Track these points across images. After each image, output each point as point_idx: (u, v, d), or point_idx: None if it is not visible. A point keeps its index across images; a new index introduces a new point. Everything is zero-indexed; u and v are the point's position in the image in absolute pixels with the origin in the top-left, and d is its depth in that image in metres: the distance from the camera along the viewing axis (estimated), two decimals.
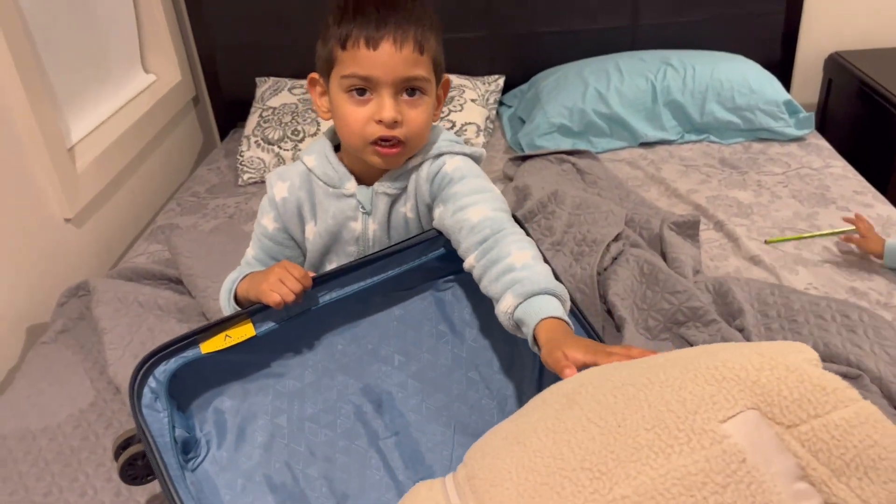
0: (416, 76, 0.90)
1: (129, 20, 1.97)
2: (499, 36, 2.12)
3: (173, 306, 1.32)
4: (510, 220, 0.93)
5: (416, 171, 0.98)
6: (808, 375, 0.48)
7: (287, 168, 1.02)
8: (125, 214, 1.78)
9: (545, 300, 0.81)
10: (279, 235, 1.01)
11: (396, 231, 1.00)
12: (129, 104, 1.91)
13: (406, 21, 0.88)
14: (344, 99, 0.91)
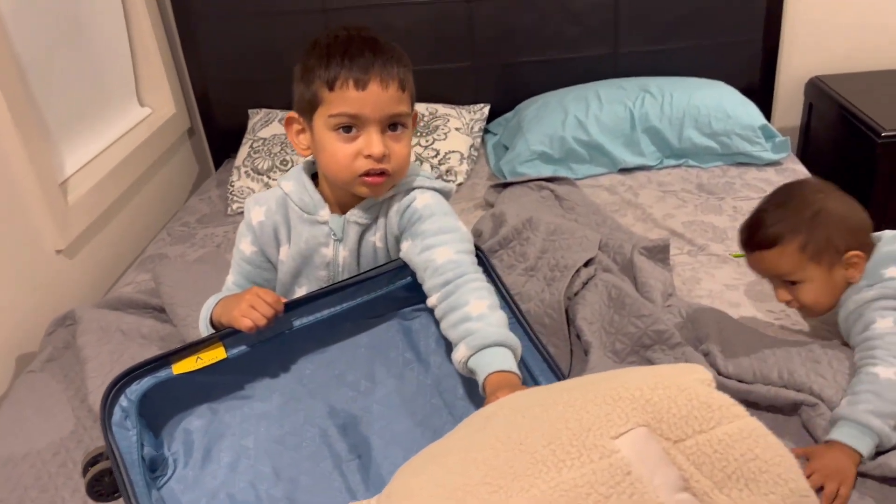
0: (400, 112, 0.97)
1: (124, 55, 2.04)
2: (483, 66, 2.18)
3: (156, 335, 1.36)
4: (473, 262, 0.99)
5: (388, 203, 1.03)
6: (697, 394, 0.51)
7: (264, 193, 1.08)
8: (117, 245, 1.83)
9: (495, 353, 0.87)
10: (257, 259, 1.07)
11: (366, 259, 1.05)
12: (124, 137, 1.97)
13: (389, 62, 0.95)
14: (331, 137, 0.97)
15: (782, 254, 1.12)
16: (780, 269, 1.13)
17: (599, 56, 2.13)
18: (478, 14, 2.10)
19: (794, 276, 1.12)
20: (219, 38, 2.16)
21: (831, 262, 1.11)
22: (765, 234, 1.12)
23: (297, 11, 2.12)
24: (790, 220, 1.11)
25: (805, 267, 1.11)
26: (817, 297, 1.13)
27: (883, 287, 1.08)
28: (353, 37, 0.96)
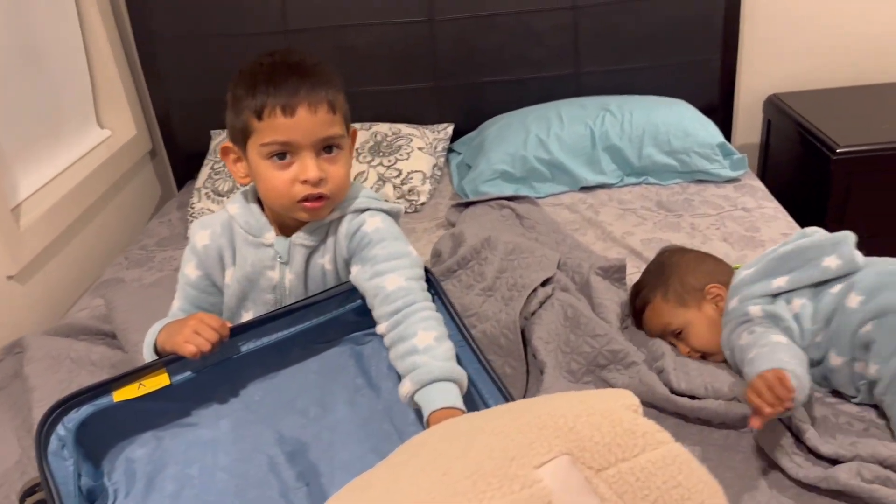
0: (332, 135, 0.96)
1: (82, 77, 2.02)
2: (447, 86, 2.19)
3: (106, 362, 1.33)
4: (423, 288, 1.00)
5: (336, 225, 1.02)
6: (621, 421, 0.51)
7: (209, 217, 1.07)
8: (73, 269, 1.80)
9: (440, 389, 0.88)
10: (202, 283, 1.05)
11: (314, 282, 1.04)
12: (82, 160, 1.95)
13: (317, 86, 0.94)
14: (266, 165, 0.96)
15: (654, 310, 1.26)
16: (661, 323, 1.25)
17: (561, 76, 2.15)
18: (440, 34, 2.11)
19: (674, 326, 1.23)
20: (180, 58, 2.15)
21: (697, 300, 1.23)
22: (638, 302, 1.29)
23: (259, 32, 2.11)
24: (651, 283, 1.28)
25: (676, 313, 1.23)
26: (702, 336, 1.21)
27: (727, 318, 1.18)
28: (277, 63, 0.95)
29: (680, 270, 1.26)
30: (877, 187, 1.86)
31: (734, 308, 1.17)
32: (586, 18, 2.08)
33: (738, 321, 1.15)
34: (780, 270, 1.15)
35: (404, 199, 1.96)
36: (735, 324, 1.16)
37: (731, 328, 1.17)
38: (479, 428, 0.55)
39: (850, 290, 1.08)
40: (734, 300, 1.18)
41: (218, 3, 2.09)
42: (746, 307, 1.15)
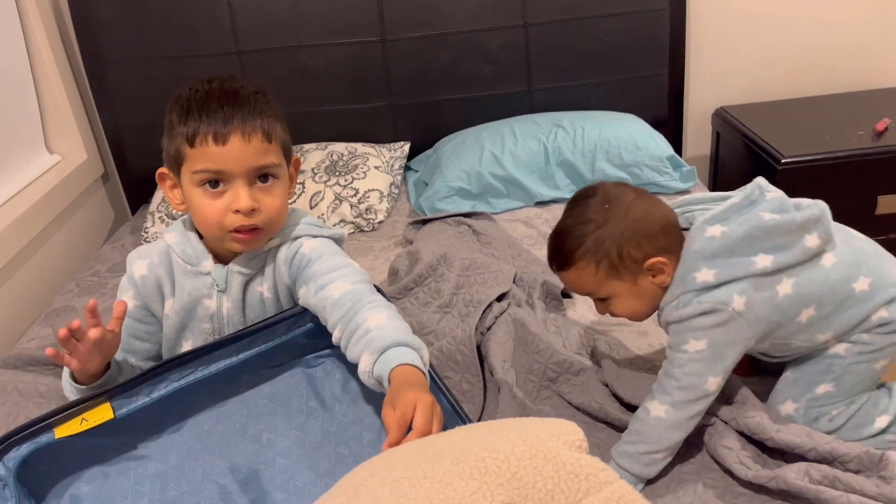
0: (267, 164, 0.95)
1: (30, 102, 1.98)
2: (401, 105, 2.19)
3: (54, 393, 1.30)
4: (371, 289, 0.97)
5: (274, 253, 1.01)
6: (564, 462, 0.51)
7: (147, 247, 1.05)
8: (22, 298, 1.76)
9: (397, 351, 0.85)
10: (139, 313, 1.04)
11: (252, 310, 1.03)
12: (30, 186, 1.91)
13: (251, 114, 0.93)
14: (198, 193, 0.95)
15: (580, 275, 1.06)
16: (583, 288, 1.08)
17: (514, 93, 2.18)
18: (393, 54, 2.12)
19: (599, 294, 1.07)
20: (131, 81, 2.12)
21: (633, 273, 1.04)
22: (561, 257, 1.06)
23: (211, 55, 2.10)
24: (581, 239, 1.04)
25: (605, 284, 1.05)
26: (630, 308, 1.07)
27: (698, 300, 0.98)
28: (212, 90, 0.94)
29: (621, 237, 1.02)
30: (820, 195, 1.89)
31: (701, 282, 0.99)
32: (537, 36, 2.12)
33: (702, 310, 0.98)
34: (762, 247, 0.99)
35: (361, 217, 1.96)
36: (694, 310, 0.98)
37: (690, 315, 0.99)
38: (418, 472, 0.54)
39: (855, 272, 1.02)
40: (701, 270, 0.99)
41: (168, 25, 2.07)
42: (724, 296, 0.97)
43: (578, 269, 1.05)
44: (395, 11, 2.08)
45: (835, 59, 2.28)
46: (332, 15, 2.08)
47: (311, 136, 2.18)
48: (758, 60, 2.26)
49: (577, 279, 1.07)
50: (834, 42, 2.26)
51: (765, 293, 0.99)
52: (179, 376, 0.94)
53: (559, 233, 1.07)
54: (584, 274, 1.05)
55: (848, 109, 2.16)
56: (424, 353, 0.89)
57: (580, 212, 1.06)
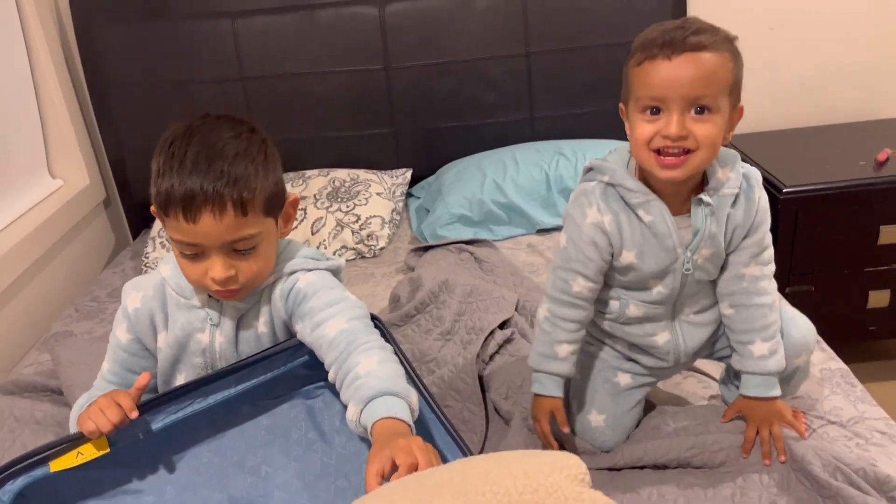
0: (241, 237, 0.91)
1: (34, 127, 1.99)
2: (404, 132, 2.20)
3: (51, 420, 1.29)
4: (366, 326, 0.95)
5: (270, 289, 1.00)
6: (566, 497, 0.50)
7: (143, 278, 1.04)
8: (21, 323, 1.75)
9: (382, 402, 0.83)
10: (133, 346, 1.02)
11: (246, 345, 1.01)
12: (32, 210, 1.91)
13: (223, 187, 0.87)
14: (178, 253, 0.94)
15: (720, 64, 0.93)
16: (712, 81, 0.92)
17: (515, 121, 2.19)
18: (396, 81, 2.14)
19: (713, 101, 0.93)
20: (134, 106, 2.14)
21: (732, 105, 0.97)
22: (708, 38, 0.93)
23: (215, 80, 2.11)
24: (721, 35, 0.95)
25: (724, 94, 0.94)
26: (716, 138, 0.95)
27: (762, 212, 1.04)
28: (192, 148, 0.89)
29: (742, 64, 0.97)
30: (822, 224, 1.91)
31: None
32: (539, 64, 2.13)
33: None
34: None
35: (363, 244, 1.95)
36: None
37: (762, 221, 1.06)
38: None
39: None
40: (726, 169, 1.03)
41: (172, 51, 2.09)
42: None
43: (722, 56, 0.94)
44: (398, 39, 2.10)
45: (835, 89, 2.30)
46: (335, 42, 2.10)
47: (313, 162, 2.18)
48: (759, 90, 2.28)
49: (715, 65, 0.93)
50: (834, 72, 2.28)
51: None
52: (177, 408, 0.92)
53: (696, 20, 0.96)
54: (723, 65, 0.93)
55: (849, 140, 2.17)
56: (413, 400, 0.86)
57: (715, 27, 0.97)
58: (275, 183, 0.96)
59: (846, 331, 2.01)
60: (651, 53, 0.93)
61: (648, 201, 1.01)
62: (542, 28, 2.10)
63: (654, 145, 0.94)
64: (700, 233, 1.02)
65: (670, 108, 0.93)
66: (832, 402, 1.23)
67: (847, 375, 1.29)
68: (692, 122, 0.93)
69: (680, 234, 1.02)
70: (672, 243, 1.02)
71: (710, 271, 1.07)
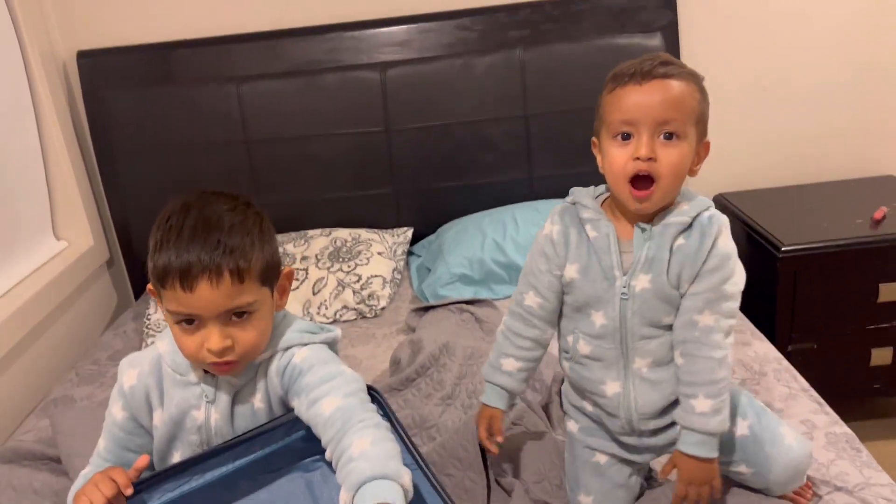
0: (239, 305, 0.92)
1: (40, 189, 2.02)
2: (404, 191, 2.23)
3: (49, 490, 1.27)
4: (363, 401, 0.94)
5: (266, 365, 1.00)
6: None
7: (140, 354, 1.04)
8: (21, 387, 1.75)
9: (373, 487, 0.82)
10: (129, 424, 1.02)
11: (243, 421, 1.01)
12: (36, 273, 1.92)
13: (224, 254, 0.89)
14: (174, 327, 0.94)
15: (687, 91, 0.98)
16: (679, 107, 0.97)
17: (514, 180, 2.22)
18: (396, 143, 2.18)
19: (681, 126, 0.97)
20: (140, 170, 2.17)
21: (699, 137, 1.01)
22: (676, 69, 0.98)
23: (220, 144, 2.15)
24: (688, 70, 1.00)
25: (691, 122, 0.98)
26: (680, 165, 0.97)
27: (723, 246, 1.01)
28: (188, 221, 0.91)
29: (707, 100, 1.02)
30: (821, 282, 1.92)
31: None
32: (537, 126, 2.17)
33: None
34: None
35: (364, 304, 1.96)
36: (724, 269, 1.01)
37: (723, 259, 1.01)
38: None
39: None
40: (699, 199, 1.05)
41: (178, 115, 2.14)
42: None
43: (689, 86, 0.98)
44: (398, 103, 2.15)
45: (829, 146, 2.33)
46: (337, 106, 2.14)
47: (315, 222, 2.21)
48: (752, 147, 2.31)
49: (683, 93, 0.97)
50: (827, 130, 2.31)
51: None
52: (174, 486, 0.91)
53: (666, 56, 1.01)
54: (689, 93, 0.98)
55: (845, 197, 2.19)
56: (405, 480, 0.85)
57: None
58: (270, 254, 0.98)
59: (849, 389, 1.99)
60: (622, 81, 0.99)
61: (598, 219, 1.05)
62: (539, 90, 2.15)
63: (627, 170, 0.97)
64: (636, 256, 1.02)
65: (640, 132, 0.97)
66: (839, 468, 1.21)
67: (852, 440, 1.28)
68: (660, 147, 0.97)
69: (623, 258, 1.03)
70: (610, 263, 1.03)
71: (654, 307, 1.02)
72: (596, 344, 1.07)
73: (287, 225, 2.20)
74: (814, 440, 1.29)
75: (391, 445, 0.88)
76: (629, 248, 1.03)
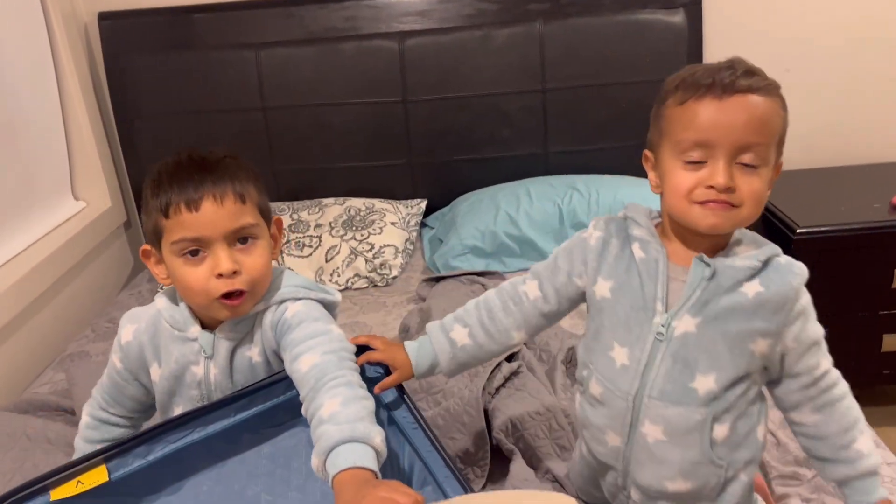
0: (244, 225, 0.95)
1: (60, 150, 2.05)
2: (420, 163, 2.24)
3: (63, 440, 1.31)
4: (340, 359, 0.92)
5: (261, 318, 1.01)
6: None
7: (141, 309, 1.06)
8: (39, 342, 1.79)
9: (340, 452, 0.80)
10: (125, 374, 1.06)
11: (242, 375, 1.02)
12: (55, 231, 1.96)
13: (222, 178, 0.93)
14: (179, 263, 0.95)
15: (774, 111, 0.85)
16: (765, 129, 0.84)
17: (530, 155, 2.21)
18: (413, 114, 2.17)
19: (764, 151, 0.84)
20: (157, 134, 2.19)
21: (776, 158, 0.88)
22: (760, 82, 0.85)
23: (237, 109, 2.16)
24: (772, 81, 0.87)
25: (773, 144, 0.85)
26: (762, 194, 0.86)
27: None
28: (181, 161, 0.95)
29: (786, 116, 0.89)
30: (836, 267, 1.90)
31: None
32: (554, 101, 2.16)
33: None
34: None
35: (376, 272, 1.98)
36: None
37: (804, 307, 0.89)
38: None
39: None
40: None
41: (197, 81, 2.15)
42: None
43: (774, 102, 0.86)
44: (417, 74, 2.14)
45: (850, 131, 2.30)
46: (356, 75, 2.14)
47: (330, 190, 2.22)
48: None
49: (769, 111, 0.84)
50: (849, 114, 2.28)
51: None
52: (177, 437, 0.93)
53: (745, 62, 0.87)
54: (774, 111, 0.85)
55: (864, 181, 2.16)
56: (377, 441, 0.83)
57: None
58: (262, 193, 1.00)
59: (859, 374, 1.98)
60: (697, 92, 0.84)
61: (649, 241, 0.90)
62: (558, 65, 2.14)
63: (696, 197, 0.83)
64: (688, 292, 0.87)
65: (716, 156, 0.82)
66: None
67: None
68: (738, 174, 0.83)
69: (670, 289, 0.88)
70: (653, 293, 0.88)
71: (691, 359, 0.87)
72: (608, 387, 0.93)
73: (302, 193, 2.22)
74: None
75: (361, 405, 0.86)
76: (681, 275, 0.88)
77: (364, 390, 0.90)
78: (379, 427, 0.86)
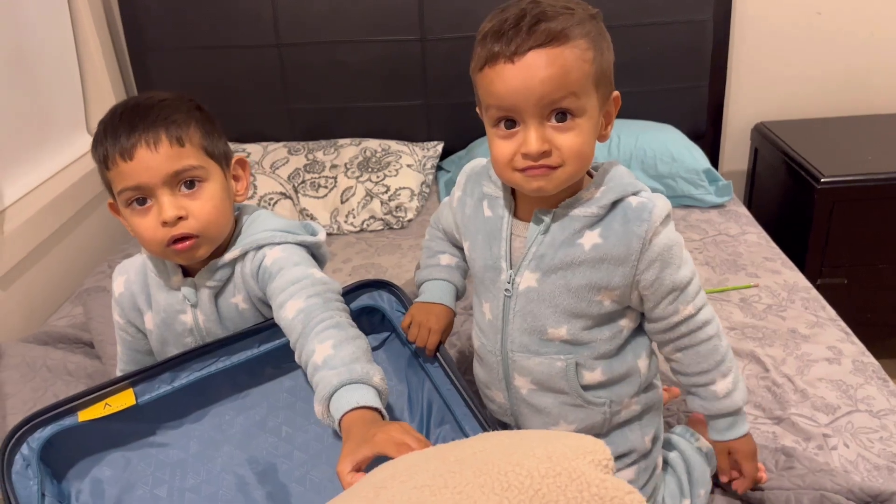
0: (184, 167, 0.91)
1: (74, 85, 2.02)
2: (437, 105, 2.19)
3: (82, 371, 1.32)
4: (325, 302, 0.90)
5: (241, 263, 0.99)
6: (588, 483, 0.50)
7: (129, 260, 1.06)
8: (55, 276, 1.80)
9: (344, 394, 0.80)
10: (129, 328, 1.07)
11: (231, 322, 1.01)
12: (70, 167, 1.94)
13: (154, 124, 0.90)
14: (128, 213, 0.93)
15: (577, 56, 0.77)
16: (567, 79, 0.76)
17: None
18: (431, 54, 2.12)
19: (575, 102, 0.78)
20: (172, 69, 2.16)
21: (603, 98, 0.81)
22: (557, 25, 0.76)
23: (252, 46, 2.12)
24: (576, 18, 0.78)
25: (587, 90, 0.78)
26: (583, 147, 0.80)
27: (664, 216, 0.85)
28: (116, 111, 0.92)
29: (610, 46, 0.83)
30: (858, 217, 1.88)
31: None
32: None
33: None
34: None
35: (391, 215, 1.96)
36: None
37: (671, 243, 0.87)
38: (439, 481, 0.53)
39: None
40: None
41: (211, 16, 2.10)
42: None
43: (576, 45, 0.77)
44: (435, 12, 2.08)
45: (881, 78, 2.23)
46: (372, 13, 2.09)
47: (345, 131, 2.19)
48: (802, 76, 2.22)
49: (566, 60, 0.76)
50: (881, 61, 2.21)
51: None
52: (202, 366, 0.94)
53: (541, 4, 0.79)
54: (577, 56, 0.77)
55: (891, 131, 2.11)
56: (376, 380, 0.82)
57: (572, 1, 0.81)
58: (210, 135, 0.96)
59: (877, 326, 1.97)
60: (491, 55, 0.78)
61: (497, 198, 0.90)
62: None
63: (515, 165, 0.80)
64: (527, 249, 0.87)
65: (525, 121, 0.78)
66: (866, 391, 1.22)
67: (879, 371, 1.27)
68: (554, 133, 0.78)
69: (511, 248, 0.89)
70: (498, 252, 0.89)
71: (538, 313, 0.87)
72: (482, 341, 0.96)
73: (317, 132, 2.19)
74: (841, 366, 1.28)
75: (355, 345, 0.85)
76: (524, 231, 0.88)
77: (355, 329, 0.89)
78: (376, 365, 0.85)
